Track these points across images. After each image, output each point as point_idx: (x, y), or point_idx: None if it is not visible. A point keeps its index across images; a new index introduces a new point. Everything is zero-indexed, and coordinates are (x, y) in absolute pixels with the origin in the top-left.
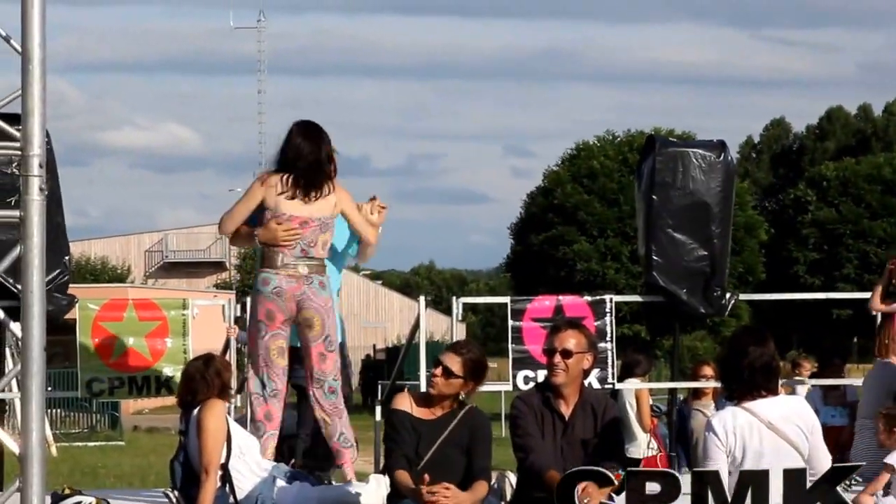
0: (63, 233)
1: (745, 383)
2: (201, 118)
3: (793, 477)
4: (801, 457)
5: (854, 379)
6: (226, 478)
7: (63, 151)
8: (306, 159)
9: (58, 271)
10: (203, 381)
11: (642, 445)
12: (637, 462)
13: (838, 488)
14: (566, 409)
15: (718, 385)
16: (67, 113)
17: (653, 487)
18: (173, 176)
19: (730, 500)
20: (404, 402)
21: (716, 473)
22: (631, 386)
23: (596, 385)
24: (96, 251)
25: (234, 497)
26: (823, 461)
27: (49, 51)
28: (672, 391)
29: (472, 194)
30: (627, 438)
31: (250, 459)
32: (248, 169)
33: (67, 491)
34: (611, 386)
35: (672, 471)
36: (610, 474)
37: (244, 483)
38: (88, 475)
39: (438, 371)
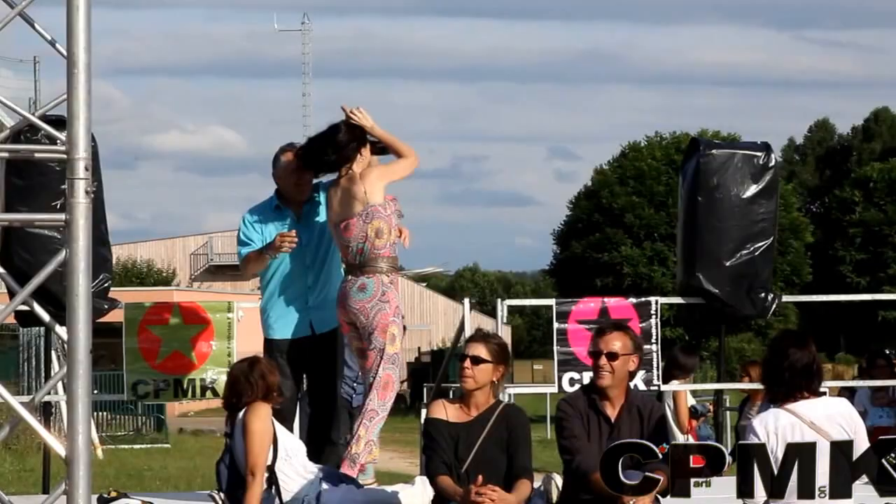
0: (105, 237)
1: (786, 385)
2: (246, 121)
3: (839, 449)
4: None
5: None
6: (272, 480)
7: (109, 155)
8: None
9: (101, 276)
10: (248, 383)
11: None
12: None
13: (884, 461)
14: (612, 412)
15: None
16: (113, 117)
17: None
18: (218, 179)
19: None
20: (439, 410)
21: (762, 446)
22: (674, 388)
23: (641, 387)
24: (142, 254)
25: (280, 499)
26: None
27: (94, 55)
28: (718, 392)
29: (516, 196)
30: None
31: (296, 462)
32: None
33: (113, 494)
34: (656, 388)
35: (717, 444)
36: (655, 448)
37: (290, 485)
38: (134, 478)
39: (467, 363)
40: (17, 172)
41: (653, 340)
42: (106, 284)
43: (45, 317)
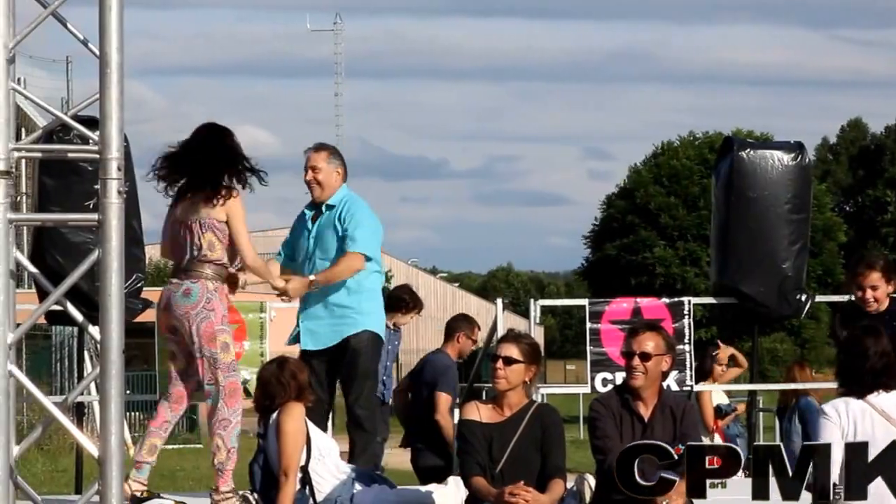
0: (139, 237)
1: (866, 385)
2: (279, 121)
3: (854, 450)
4: None
5: None
6: (305, 480)
7: (142, 155)
8: None
9: (134, 276)
10: (279, 384)
11: None
12: None
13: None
14: (645, 412)
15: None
16: (146, 117)
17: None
18: (251, 178)
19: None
20: (472, 411)
21: (826, 447)
22: (707, 388)
23: (674, 387)
24: None
25: (314, 500)
26: None
27: (126, 54)
28: (751, 393)
29: (550, 196)
30: None
31: (330, 462)
32: None
33: (146, 494)
34: (689, 388)
35: (732, 445)
36: (671, 449)
37: (324, 486)
38: (167, 478)
39: (499, 363)
40: (49, 172)
41: (685, 341)
42: (139, 284)
43: (79, 317)
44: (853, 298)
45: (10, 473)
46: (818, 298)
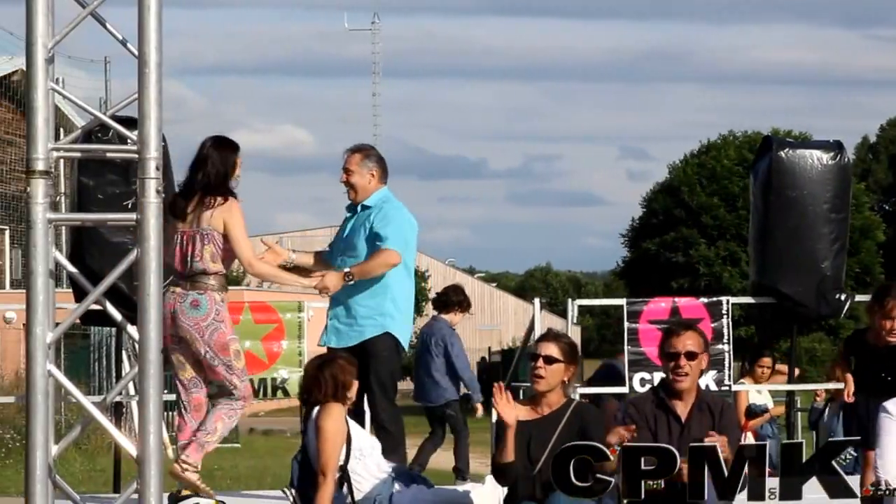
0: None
1: None
2: (316, 120)
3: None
4: None
5: None
6: (344, 479)
7: (180, 155)
8: None
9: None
10: (316, 382)
11: None
12: None
13: (833, 462)
14: (683, 411)
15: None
16: (185, 117)
17: (649, 462)
18: (289, 178)
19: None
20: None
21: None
22: (742, 388)
23: (713, 387)
24: None
25: (353, 499)
26: None
27: (165, 54)
28: (790, 393)
29: (587, 196)
30: None
31: (370, 462)
32: None
33: (185, 493)
34: (727, 388)
35: (667, 445)
36: (605, 450)
37: (363, 485)
38: (205, 477)
39: (539, 363)
40: (87, 172)
41: (724, 340)
42: None
43: (117, 316)
44: (866, 327)
45: (48, 472)
46: (857, 298)
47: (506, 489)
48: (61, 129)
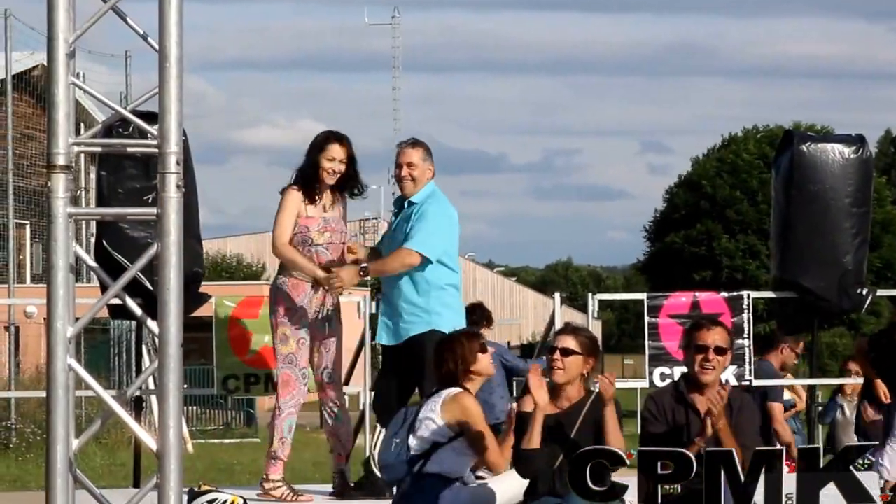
0: (197, 231)
1: None
2: (336, 115)
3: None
4: None
5: None
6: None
7: (200, 150)
8: None
9: (193, 270)
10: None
11: None
12: None
13: (851, 468)
14: (703, 406)
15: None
16: (205, 112)
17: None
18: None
19: None
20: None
21: None
22: (763, 383)
23: (733, 382)
24: (232, 249)
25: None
26: None
27: (186, 49)
28: (811, 388)
29: (609, 190)
30: None
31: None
32: (383, 166)
33: (204, 487)
34: (748, 382)
35: (683, 450)
36: (621, 453)
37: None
38: (224, 472)
39: (556, 355)
40: (108, 167)
41: (745, 335)
42: (198, 278)
43: (137, 311)
44: (889, 326)
45: (69, 466)
46: (878, 293)
47: (527, 482)
48: (82, 124)
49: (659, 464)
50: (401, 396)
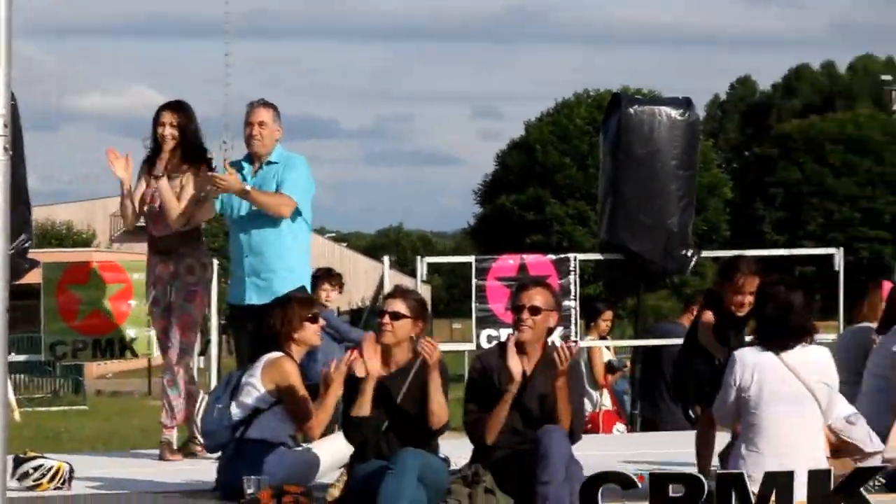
0: (26, 196)
1: (785, 338)
2: (170, 81)
3: (817, 478)
4: (817, 404)
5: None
6: None
7: (32, 116)
8: None
9: (21, 236)
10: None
11: (592, 401)
12: None
13: (862, 490)
14: (528, 366)
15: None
16: (36, 77)
17: (677, 490)
18: (141, 140)
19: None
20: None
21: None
22: (590, 343)
23: (559, 343)
24: (61, 216)
25: None
26: (842, 410)
27: (15, 13)
28: (635, 349)
29: (441, 156)
30: None
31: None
32: (215, 133)
33: (31, 454)
34: (574, 343)
35: (696, 474)
36: (633, 477)
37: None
38: (51, 439)
39: (385, 318)
40: None
41: (571, 297)
42: (26, 245)
43: None
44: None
45: None
46: (704, 253)
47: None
48: None
49: (670, 487)
50: None
